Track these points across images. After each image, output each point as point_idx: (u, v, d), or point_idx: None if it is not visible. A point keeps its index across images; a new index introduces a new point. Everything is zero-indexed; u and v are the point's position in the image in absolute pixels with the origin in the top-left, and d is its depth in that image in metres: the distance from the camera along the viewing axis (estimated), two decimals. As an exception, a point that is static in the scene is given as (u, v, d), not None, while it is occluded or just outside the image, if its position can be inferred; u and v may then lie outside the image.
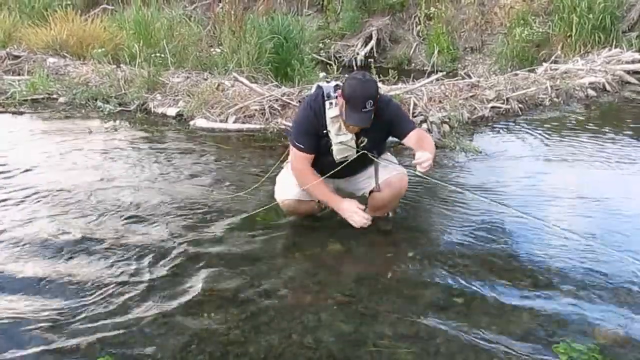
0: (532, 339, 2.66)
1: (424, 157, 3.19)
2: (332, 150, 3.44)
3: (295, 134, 3.50)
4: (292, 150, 3.52)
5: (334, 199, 3.50)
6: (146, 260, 3.43)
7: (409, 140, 3.45)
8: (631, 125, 6.37)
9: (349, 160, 3.48)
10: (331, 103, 3.36)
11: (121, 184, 4.69)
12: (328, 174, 3.49)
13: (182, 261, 3.42)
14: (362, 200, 3.64)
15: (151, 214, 4.08)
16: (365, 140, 3.42)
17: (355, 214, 3.43)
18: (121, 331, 2.76)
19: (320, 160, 3.50)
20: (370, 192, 3.62)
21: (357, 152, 3.44)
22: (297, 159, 3.51)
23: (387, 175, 3.54)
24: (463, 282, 3.15)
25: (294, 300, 3.05)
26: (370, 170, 3.57)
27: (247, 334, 2.73)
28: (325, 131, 3.42)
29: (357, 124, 3.29)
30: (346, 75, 3.62)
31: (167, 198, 4.36)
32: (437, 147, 5.40)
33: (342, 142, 3.40)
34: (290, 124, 3.59)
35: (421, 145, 3.34)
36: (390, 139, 3.63)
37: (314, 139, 3.44)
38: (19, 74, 8.76)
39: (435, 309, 2.91)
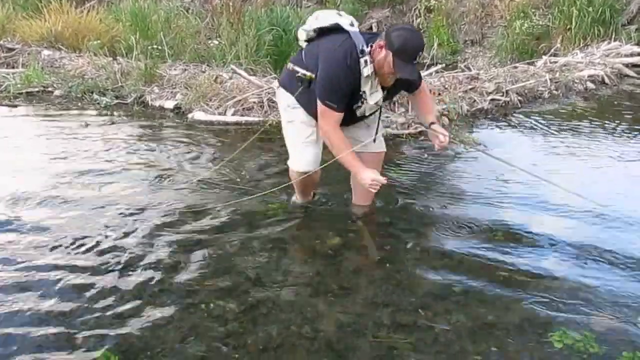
0: (529, 327, 2.69)
1: (445, 139, 3.29)
2: (356, 107, 3.29)
3: (328, 91, 3.20)
4: (322, 108, 3.23)
5: (357, 167, 3.27)
6: (143, 252, 3.40)
7: (417, 94, 3.50)
8: (629, 118, 6.36)
9: (369, 114, 3.42)
10: (366, 61, 3.12)
11: (117, 177, 4.66)
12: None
13: (180, 253, 3.39)
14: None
15: (148, 205, 4.05)
16: (386, 93, 3.35)
17: (372, 182, 3.22)
18: (118, 325, 2.74)
19: None
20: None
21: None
22: (327, 119, 3.24)
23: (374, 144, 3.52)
24: (461, 272, 3.15)
25: (292, 292, 3.03)
26: (372, 119, 3.53)
27: (245, 326, 2.71)
28: (361, 92, 3.23)
29: (409, 77, 3.15)
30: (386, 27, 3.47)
31: (163, 190, 4.34)
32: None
33: (376, 102, 3.29)
34: (317, 77, 3.26)
35: (428, 108, 3.48)
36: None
37: (347, 97, 3.21)
38: (13, 67, 8.65)
39: (434, 299, 2.91)
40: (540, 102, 6.96)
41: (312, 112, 3.36)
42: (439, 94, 6.32)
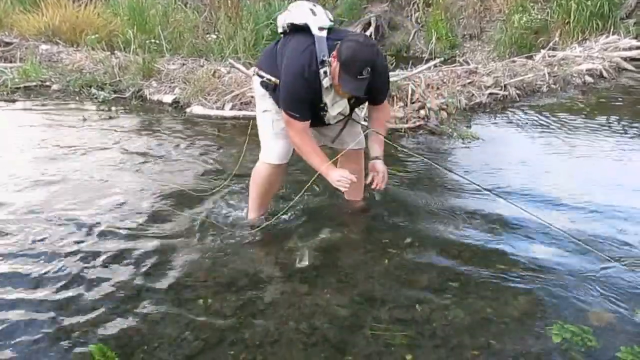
0: (527, 321, 2.69)
1: (380, 177, 3.25)
2: (322, 114, 3.23)
3: (288, 102, 3.11)
4: (286, 117, 3.15)
5: (326, 169, 3.20)
6: (139, 246, 3.42)
7: (375, 109, 3.38)
8: (627, 111, 6.35)
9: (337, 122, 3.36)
10: (325, 72, 3.00)
11: (115, 170, 4.67)
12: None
13: (177, 247, 3.40)
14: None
15: (145, 199, 4.06)
16: (354, 99, 3.23)
17: (340, 179, 3.17)
18: (115, 318, 2.75)
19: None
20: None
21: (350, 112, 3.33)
22: (293, 128, 3.17)
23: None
24: (459, 266, 3.16)
25: (290, 287, 3.03)
26: (350, 122, 3.45)
27: (243, 320, 2.72)
28: (322, 104, 3.16)
29: (350, 92, 3.00)
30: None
31: (161, 184, 4.34)
32: (434, 133, 5.48)
33: (339, 112, 3.23)
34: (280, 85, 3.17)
35: (379, 131, 3.32)
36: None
37: (309, 107, 3.12)
38: (10, 61, 8.66)
39: (432, 294, 2.92)
40: (539, 96, 6.96)
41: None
42: (438, 88, 6.31)
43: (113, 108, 6.83)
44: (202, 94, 6.60)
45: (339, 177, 3.15)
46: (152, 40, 8.02)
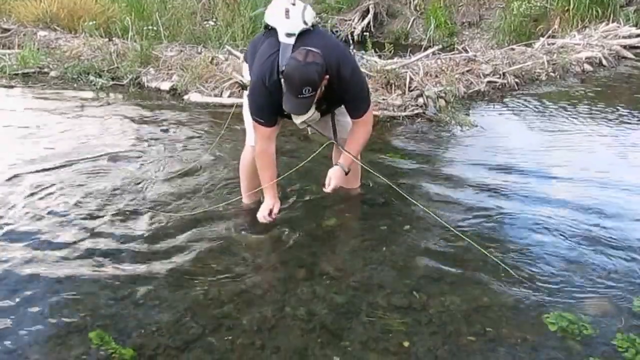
0: (523, 309, 2.70)
1: (332, 184, 3.20)
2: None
3: (253, 108, 3.12)
4: (253, 123, 3.16)
5: (267, 195, 3.30)
6: (137, 233, 3.43)
7: (354, 124, 3.26)
8: (626, 100, 6.34)
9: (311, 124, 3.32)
10: None
11: (110, 156, 4.68)
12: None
13: (174, 234, 3.41)
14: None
15: (142, 187, 4.07)
16: (325, 104, 3.15)
17: (263, 215, 3.27)
18: (113, 305, 2.76)
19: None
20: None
21: (321, 114, 3.24)
22: (258, 133, 3.17)
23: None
24: (456, 254, 3.17)
25: (287, 273, 3.05)
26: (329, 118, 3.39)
27: (240, 307, 2.74)
28: (285, 113, 3.06)
29: (290, 111, 2.98)
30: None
31: (158, 172, 4.35)
32: (432, 121, 5.49)
33: (304, 121, 3.14)
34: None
35: (352, 144, 3.24)
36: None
37: (273, 114, 3.10)
38: (9, 48, 8.65)
39: (429, 281, 2.93)
40: (538, 84, 6.94)
41: None
42: (436, 76, 6.30)
43: (111, 95, 6.82)
44: (200, 81, 6.59)
45: (261, 215, 3.26)
46: (150, 27, 7.99)
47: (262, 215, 3.27)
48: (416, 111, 5.66)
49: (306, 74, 2.78)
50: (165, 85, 6.85)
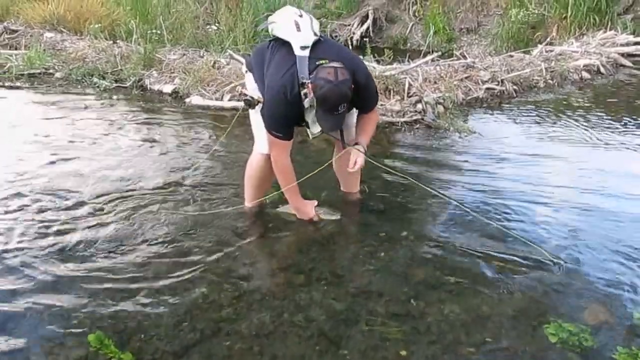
0: (523, 319, 2.68)
1: (359, 163, 3.30)
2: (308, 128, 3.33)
3: (271, 123, 3.21)
4: (270, 138, 3.26)
5: (298, 202, 3.53)
6: (136, 236, 3.46)
7: (362, 117, 3.45)
8: (624, 108, 6.37)
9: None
10: (305, 94, 3.06)
11: (111, 157, 4.77)
12: None
13: (174, 238, 3.44)
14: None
15: (143, 189, 4.12)
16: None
17: (307, 213, 3.53)
18: (112, 308, 2.78)
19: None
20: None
21: None
22: (276, 148, 3.29)
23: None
24: (455, 262, 3.16)
25: (285, 279, 3.07)
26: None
27: (239, 312, 2.75)
28: (303, 123, 3.25)
29: (330, 130, 3.18)
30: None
31: (158, 174, 4.40)
32: (431, 127, 5.55)
33: (320, 130, 3.24)
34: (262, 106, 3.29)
35: (365, 131, 3.39)
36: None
37: (292, 126, 3.25)
38: (16, 48, 8.83)
39: (427, 288, 2.92)
40: (536, 92, 6.98)
41: None
42: (435, 82, 6.37)
43: (114, 97, 6.90)
44: (202, 84, 6.66)
45: (311, 211, 3.50)
46: (154, 31, 8.08)
47: (310, 216, 3.52)
48: (415, 117, 5.71)
49: (341, 93, 2.95)
50: (168, 88, 6.93)
